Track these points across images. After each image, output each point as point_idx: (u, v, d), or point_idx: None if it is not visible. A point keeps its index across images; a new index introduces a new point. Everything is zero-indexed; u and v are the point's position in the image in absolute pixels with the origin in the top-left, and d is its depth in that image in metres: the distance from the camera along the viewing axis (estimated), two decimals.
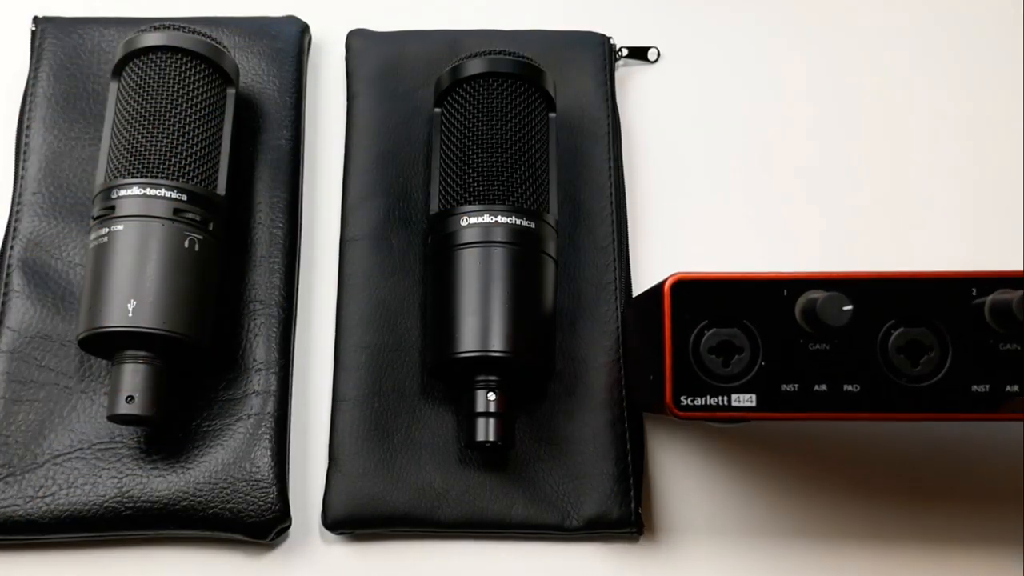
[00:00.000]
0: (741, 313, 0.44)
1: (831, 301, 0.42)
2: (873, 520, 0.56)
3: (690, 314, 0.44)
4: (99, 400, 0.54)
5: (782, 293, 0.44)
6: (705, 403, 0.44)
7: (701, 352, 0.44)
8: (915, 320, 0.44)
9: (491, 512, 0.53)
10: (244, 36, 0.63)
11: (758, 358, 0.44)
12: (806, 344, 0.44)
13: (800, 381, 0.44)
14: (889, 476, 0.57)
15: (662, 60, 0.67)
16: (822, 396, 0.44)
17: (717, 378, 0.44)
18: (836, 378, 0.44)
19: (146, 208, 0.51)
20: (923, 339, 0.44)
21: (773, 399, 0.44)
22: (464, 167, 0.54)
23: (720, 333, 0.44)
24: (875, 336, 0.44)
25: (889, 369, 0.44)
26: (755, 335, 0.44)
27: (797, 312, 0.44)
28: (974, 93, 0.67)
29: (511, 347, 0.51)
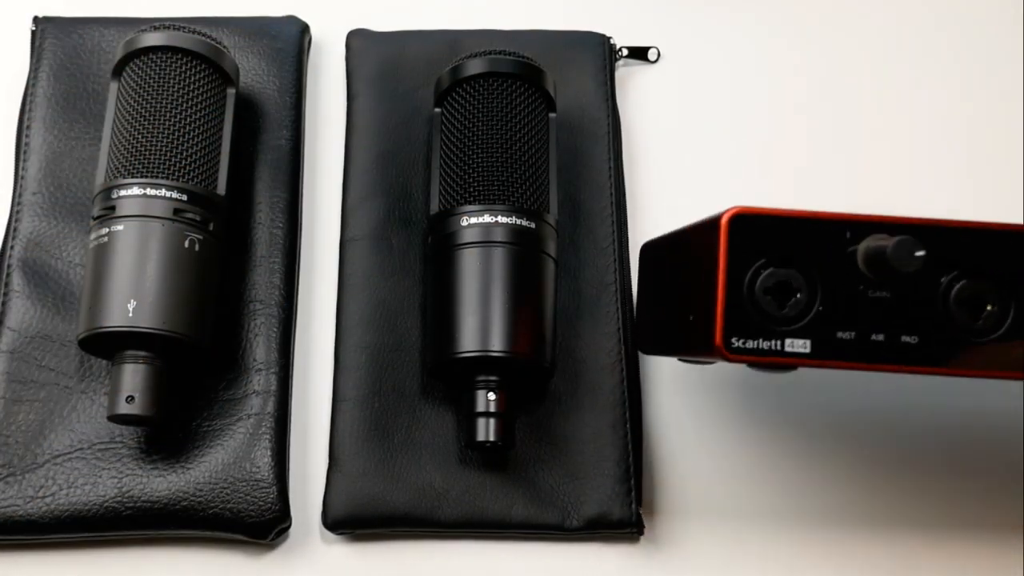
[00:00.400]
0: (801, 253, 0.42)
1: (903, 245, 0.40)
2: (875, 520, 0.56)
3: (747, 250, 0.42)
4: (99, 400, 0.54)
5: (844, 235, 0.42)
6: (757, 346, 0.41)
7: (756, 292, 0.41)
8: (978, 272, 0.42)
9: (491, 512, 0.53)
10: (244, 36, 0.63)
11: (815, 302, 0.42)
12: (866, 290, 0.42)
13: (857, 329, 0.42)
14: (891, 475, 0.57)
15: (662, 60, 0.67)
16: (879, 346, 0.42)
17: (772, 320, 0.41)
18: (895, 328, 0.42)
19: (146, 208, 0.51)
20: (985, 293, 0.42)
21: (828, 346, 0.42)
22: (464, 167, 0.54)
23: (778, 273, 0.41)
24: (937, 287, 0.42)
25: (949, 322, 0.42)
26: (814, 278, 0.42)
27: (860, 256, 0.42)
28: (975, 96, 0.67)
29: (511, 347, 0.51)
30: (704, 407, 0.58)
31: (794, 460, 0.57)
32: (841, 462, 0.57)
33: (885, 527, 0.56)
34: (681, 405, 0.58)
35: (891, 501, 0.56)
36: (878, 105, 0.66)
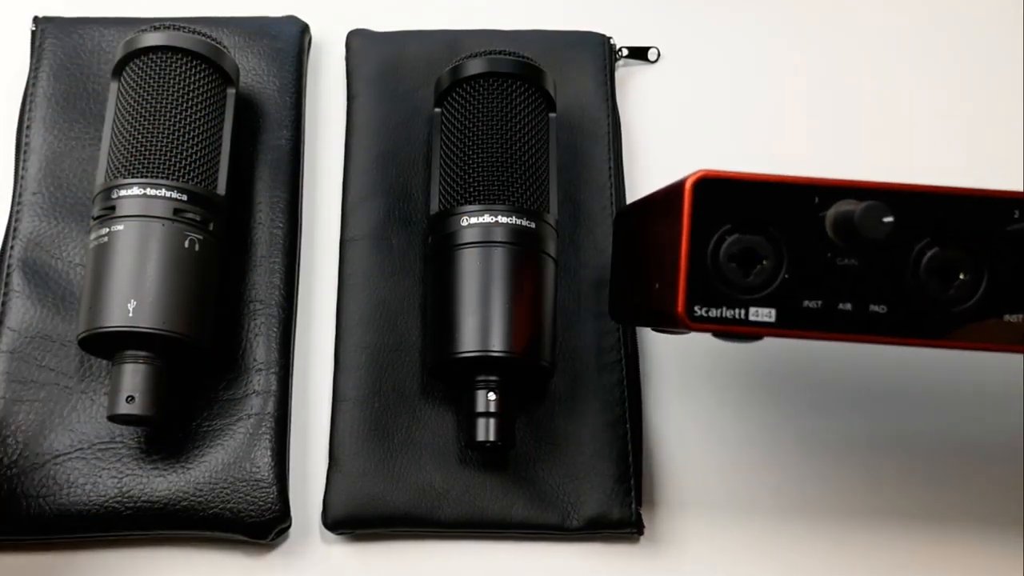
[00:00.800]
0: (767, 219, 0.40)
1: (872, 210, 0.39)
2: (876, 520, 0.56)
3: (712, 216, 0.40)
4: (99, 400, 0.54)
5: (813, 200, 0.41)
6: (721, 315, 0.40)
7: (720, 259, 0.40)
8: (951, 240, 0.41)
9: (491, 512, 0.53)
10: (244, 36, 0.63)
11: (781, 270, 0.40)
12: (834, 258, 0.40)
13: (824, 298, 0.40)
14: (892, 474, 0.57)
15: (662, 60, 0.67)
16: (846, 315, 0.40)
17: (736, 288, 0.40)
18: (863, 297, 0.40)
19: (146, 208, 0.51)
20: (957, 261, 0.40)
21: (794, 315, 0.40)
22: (464, 167, 0.54)
23: (743, 239, 0.40)
24: (908, 255, 0.41)
25: (919, 291, 0.41)
26: (780, 245, 0.40)
27: (828, 223, 0.40)
28: (976, 96, 0.67)
29: (511, 347, 0.51)
30: (704, 407, 0.58)
31: (794, 460, 0.57)
32: (842, 463, 0.57)
33: (886, 529, 0.56)
34: (681, 405, 0.58)
35: (892, 503, 0.56)
36: (878, 105, 0.67)
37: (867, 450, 0.57)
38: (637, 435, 0.56)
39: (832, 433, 0.57)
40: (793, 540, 0.55)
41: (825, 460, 0.57)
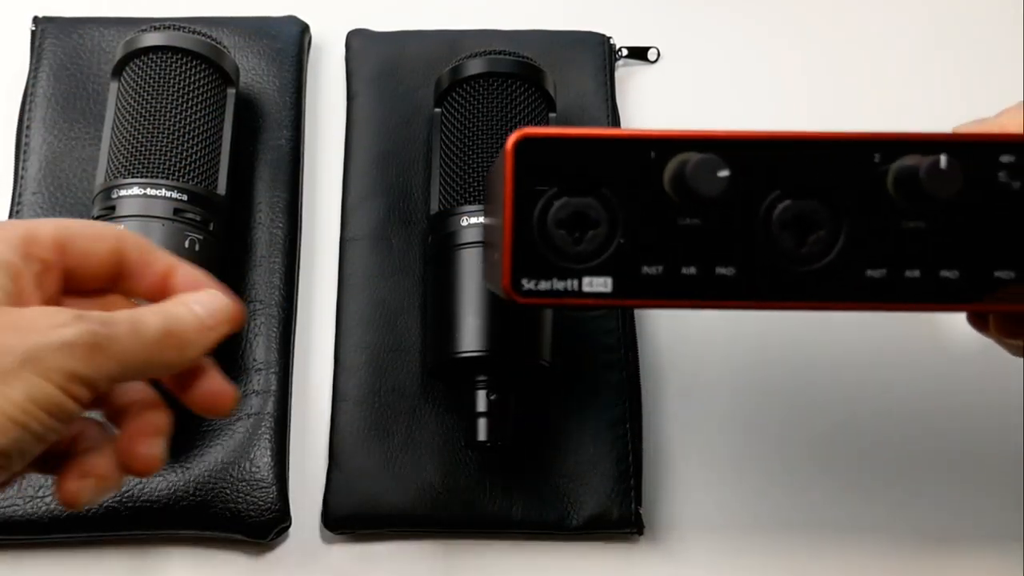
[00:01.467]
0: (599, 179, 0.37)
1: (703, 164, 0.35)
2: (876, 520, 0.56)
3: (537, 179, 0.36)
4: None
5: (649, 155, 0.36)
6: (551, 288, 0.36)
7: (548, 226, 0.36)
8: (805, 191, 0.37)
9: (491, 512, 0.53)
10: (244, 36, 0.63)
11: (616, 234, 0.37)
12: (674, 218, 0.37)
13: (665, 262, 0.37)
14: (892, 474, 0.57)
15: (662, 60, 0.67)
16: (690, 280, 0.37)
17: (566, 257, 0.36)
18: (708, 259, 0.37)
19: (146, 208, 0.51)
20: (813, 214, 0.37)
21: (632, 284, 0.37)
22: (464, 167, 0.54)
23: (572, 203, 0.36)
24: (756, 210, 0.37)
25: (771, 249, 0.37)
26: (614, 206, 0.37)
27: (666, 179, 0.36)
28: (977, 96, 0.67)
29: (511, 347, 0.51)
30: (704, 406, 0.58)
31: (794, 460, 0.57)
32: (842, 463, 0.57)
33: (886, 529, 0.55)
34: (681, 404, 0.58)
35: (893, 504, 0.56)
36: (879, 105, 0.67)
37: (868, 450, 0.57)
38: (637, 435, 0.56)
39: (833, 433, 0.57)
40: (793, 540, 0.55)
41: (825, 460, 0.57)
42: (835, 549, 0.55)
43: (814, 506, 0.56)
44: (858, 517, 0.56)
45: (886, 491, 0.56)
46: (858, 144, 0.37)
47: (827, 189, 0.37)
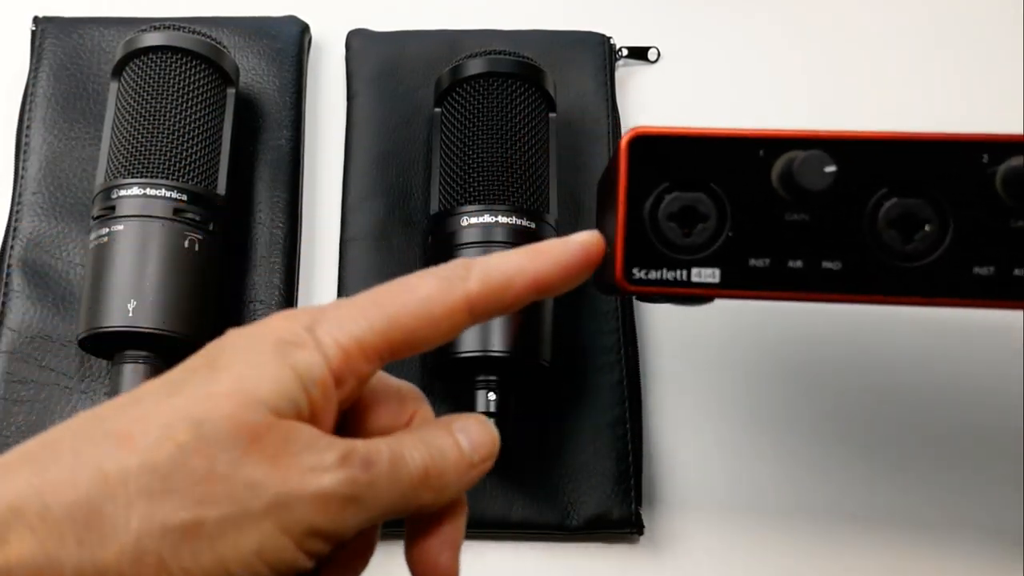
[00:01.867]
0: (709, 175, 0.38)
1: (811, 160, 0.37)
2: (876, 519, 0.56)
3: (650, 174, 0.38)
4: (99, 400, 0.54)
5: (758, 153, 0.38)
6: (661, 277, 0.38)
7: (659, 219, 0.38)
8: (911, 189, 0.38)
9: (491, 512, 0.53)
10: (244, 36, 0.63)
11: (725, 228, 0.38)
12: (782, 213, 0.38)
13: (772, 255, 0.38)
14: (893, 476, 0.57)
15: (662, 60, 0.67)
16: (796, 273, 0.38)
17: (677, 249, 0.38)
18: (814, 253, 0.38)
19: (146, 208, 0.51)
20: (919, 211, 0.38)
21: (740, 275, 0.38)
22: (464, 167, 0.54)
23: (682, 197, 0.38)
24: (863, 207, 0.38)
25: (877, 245, 0.38)
26: (723, 201, 0.38)
27: (774, 176, 0.38)
28: (975, 96, 0.67)
29: (511, 347, 0.51)
30: (704, 406, 0.58)
31: (795, 460, 0.57)
32: (842, 463, 0.57)
33: (887, 530, 0.55)
34: (681, 404, 0.58)
35: (893, 504, 0.56)
36: (879, 104, 0.67)
37: (868, 451, 0.57)
38: (637, 435, 0.56)
39: (833, 433, 0.57)
40: (793, 540, 0.55)
41: (825, 460, 0.57)
42: (835, 549, 0.55)
43: (814, 506, 0.56)
44: (858, 518, 0.56)
45: (886, 492, 0.56)
46: (966, 145, 0.38)
47: (934, 188, 0.38)
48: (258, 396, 0.28)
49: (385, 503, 0.30)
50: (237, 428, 0.28)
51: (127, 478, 0.27)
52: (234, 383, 0.29)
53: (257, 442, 0.28)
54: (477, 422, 0.33)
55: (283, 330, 0.30)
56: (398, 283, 0.32)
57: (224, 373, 0.29)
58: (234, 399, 0.28)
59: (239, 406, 0.28)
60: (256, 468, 0.27)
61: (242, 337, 0.30)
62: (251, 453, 0.28)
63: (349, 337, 0.30)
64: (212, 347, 0.31)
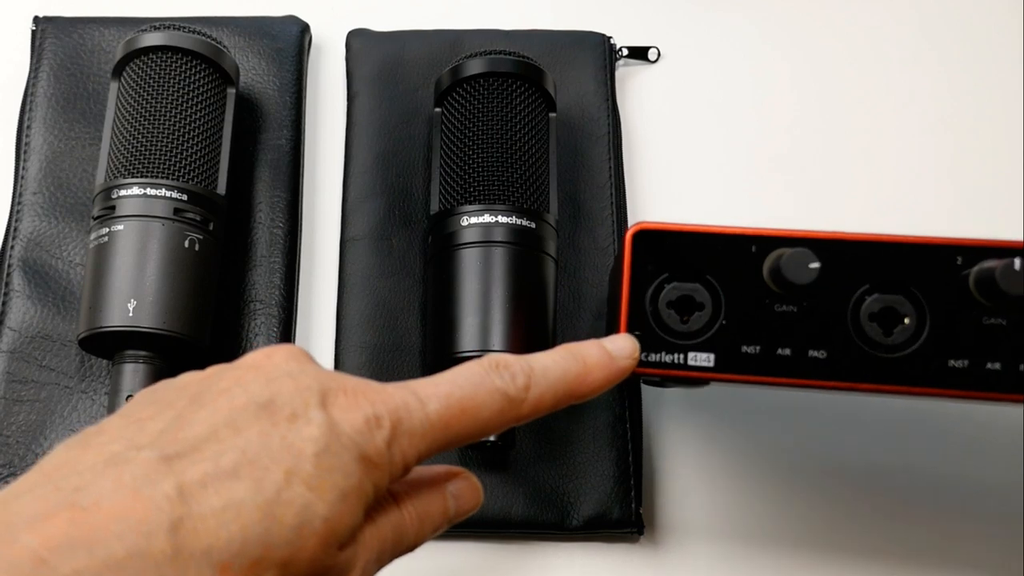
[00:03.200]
0: (705, 268, 0.42)
1: (797, 257, 0.40)
2: (875, 519, 0.56)
3: (651, 265, 0.42)
4: (99, 400, 0.54)
5: (750, 249, 0.42)
6: (660, 359, 0.42)
7: (659, 306, 0.42)
8: (892, 286, 0.41)
9: (491, 512, 0.53)
10: (244, 36, 0.63)
11: (719, 316, 0.42)
12: (772, 304, 0.42)
13: (763, 343, 0.41)
14: (893, 475, 0.57)
15: (662, 60, 0.67)
16: (785, 360, 0.41)
17: (675, 334, 0.42)
18: (802, 342, 0.41)
19: (146, 208, 0.51)
20: (899, 307, 0.41)
21: (732, 360, 0.42)
22: (464, 167, 0.54)
23: (681, 287, 0.42)
24: (847, 301, 0.41)
25: (860, 337, 0.41)
26: (718, 292, 0.42)
27: (765, 270, 0.42)
28: (973, 92, 0.67)
29: (511, 347, 0.51)
30: (704, 406, 0.58)
31: (794, 460, 0.57)
32: (842, 463, 0.57)
33: (886, 530, 0.56)
34: (681, 405, 0.58)
35: (893, 504, 0.56)
36: (879, 104, 0.66)
37: (868, 451, 0.57)
38: (637, 435, 0.56)
39: (833, 434, 0.57)
40: (792, 540, 0.55)
41: (825, 461, 0.57)
42: (835, 549, 0.55)
43: (814, 506, 0.56)
44: (858, 519, 0.56)
45: (887, 493, 0.56)
46: (942, 248, 0.41)
47: (913, 286, 0.41)
48: (338, 534, 0.30)
49: None
50: (312, 570, 0.29)
51: None
52: (323, 512, 0.29)
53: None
54: (470, 487, 0.37)
55: (367, 440, 0.31)
56: (468, 400, 0.34)
57: (314, 494, 0.30)
58: (320, 538, 0.29)
59: (323, 548, 0.29)
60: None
61: (327, 434, 0.31)
62: None
63: (417, 458, 0.33)
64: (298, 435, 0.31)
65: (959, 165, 0.65)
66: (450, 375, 0.34)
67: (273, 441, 0.30)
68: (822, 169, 0.64)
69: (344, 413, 0.31)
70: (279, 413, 0.31)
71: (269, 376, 0.32)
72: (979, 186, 0.64)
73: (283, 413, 0.31)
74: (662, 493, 0.56)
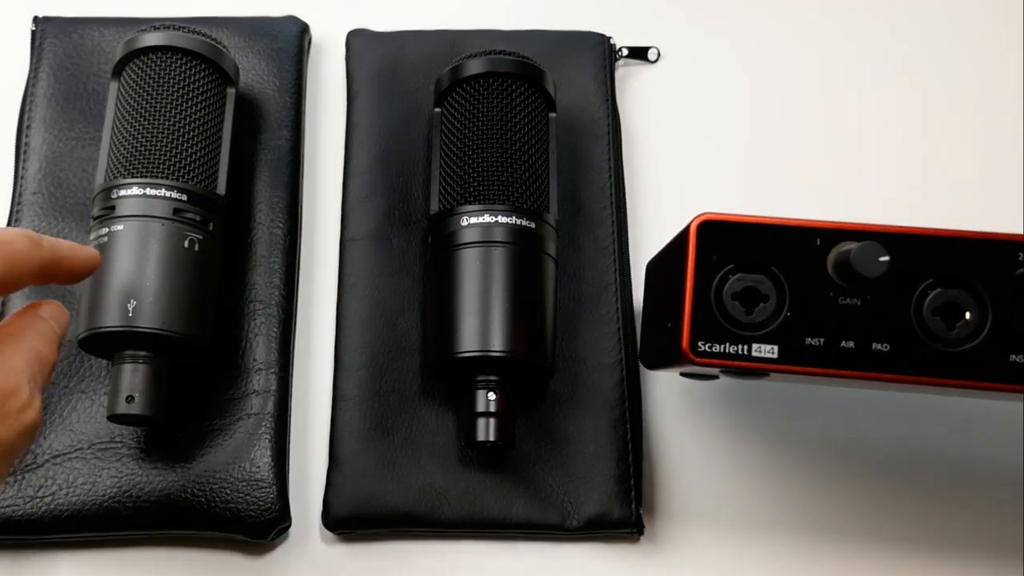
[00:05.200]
0: (770, 259, 0.42)
1: (867, 249, 0.40)
2: (875, 519, 0.56)
3: (715, 256, 0.42)
4: (99, 400, 0.54)
5: (815, 242, 0.42)
6: (724, 350, 0.42)
7: (724, 297, 0.42)
8: (955, 281, 0.42)
9: (491, 512, 0.53)
10: (244, 36, 0.63)
11: (784, 308, 0.42)
12: (836, 297, 0.42)
13: (826, 335, 0.42)
14: (893, 476, 0.56)
15: (662, 60, 0.67)
16: (849, 353, 0.42)
17: (739, 325, 0.42)
18: (865, 335, 0.42)
19: (146, 208, 0.51)
20: (961, 302, 0.42)
21: (796, 352, 0.42)
22: (464, 167, 0.54)
23: (746, 279, 0.42)
24: (911, 295, 0.42)
25: (923, 330, 0.42)
26: (783, 284, 0.42)
27: (830, 263, 0.42)
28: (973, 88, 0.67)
29: (511, 347, 0.51)
30: (704, 407, 0.58)
31: (794, 460, 0.57)
32: (842, 464, 0.57)
33: (886, 529, 0.55)
34: (681, 405, 0.58)
35: (893, 504, 0.56)
36: (878, 104, 0.66)
37: (868, 451, 0.57)
38: (637, 435, 0.56)
39: (833, 434, 0.57)
40: (793, 541, 0.55)
41: (825, 461, 0.57)
42: (835, 549, 0.55)
43: (814, 506, 0.56)
44: (858, 518, 0.56)
45: (887, 493, 0.56)
46: (1004, 244, 0.42)
47: (975, 281, 0.42)
48: None
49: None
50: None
51: None
52: None
53: None
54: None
55: None
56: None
57: None
58: None
59: None
60: None
61: None
62: None
63: None
64: None
65: (958, 162, 0.65)
66: None
67: None
68: (823, 169, 0.64)
69: None
70: None
71: None
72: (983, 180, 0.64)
73: None
74: (662, 493, 0.56)
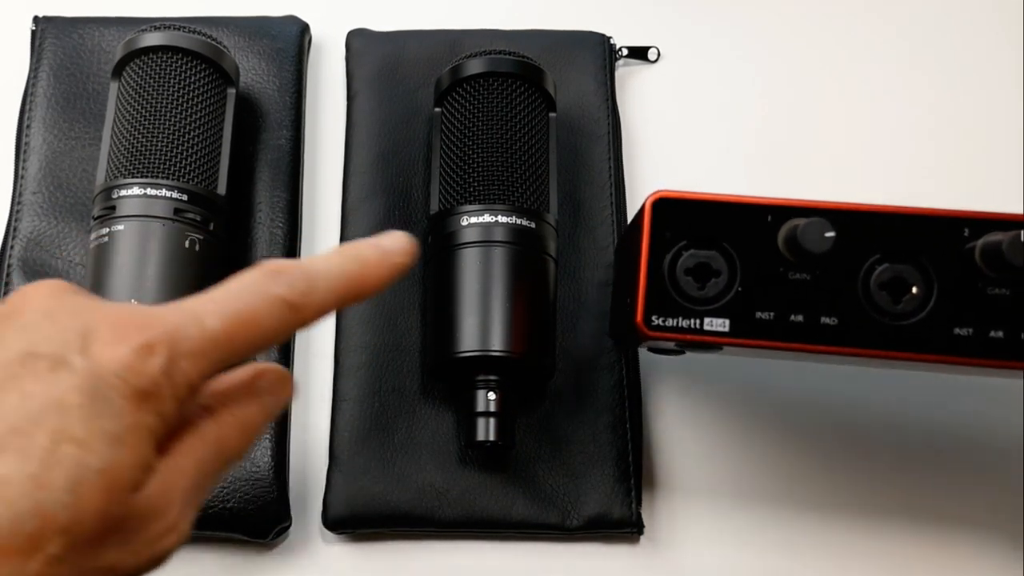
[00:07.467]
0: (722, 236, 0.43)
1: (813, 226, 0.41)
2: (877, 521, 0.56)
3: (669, 233, 0.44)
4: None
5: (766, 219, 0.43)
6: (676, 324, 0.43)
7: (677, 273, 0.43)
8: (901, 256, 0.43)
9: (491, 512, 0.53)
10: (244, 36, 0.63)
11: (735, 283, 0.43)
12: (786, 273, 0.43)
13: (776, 309, 0.43)
14: (893, 475, 0.57)
15: (662, 60, 0.67)
16: (798, 327, 0.43)
17: (692, 300, 0.43)
18: (814, 309, 0.43)
19: (147, 208, 0.51)
20: (907, 276, 0.43)
21: (747, 326, 0.43)
22: (464, 167, 0.54)
23: (698, 255, 0.43)
24: (858, 270, 0.43)
25: (869, 304, 0.43)
26: (734, 259, 0.43)
27: (780, 239, 0.43)
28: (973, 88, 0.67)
29: (511, 347, 0.51)
30: (704, 407, 0.58)
31: (795, 461, 0.57)
32: (842, 464, 0.57)
33: (887, 531, 0.56)
34: (681, 405, 0.58)
35: (893, 504, 0.56)
36: (880, 104, 0.66)
37: (869, 450, 0.57)
38: (637, 435, 0.56)
39: (833, 434, 0.57)
40: (793, 541, 0.55)
41: (826, 461, 0.57)
42: (836, 549, 0.55)
43: (814, 506, 0.56)
44: (858, 520, 0.56)
45: (888, 493, 0.56)
46: (950, 220, 0.43)
47: (921, 256, 0.43)
48: (121, 481, 0.28)
49: None
50: (105, 525, 0.28)
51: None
52: (96, 464, 0.27)
53: (118, 531, 0.28)
54: (279, 377, 0.34)
55: (137, 372, 0.29)
56: (248, 311, 0.31)
57: (83, 448, 0.27)
58: (101, 491, 0.27)
59: (107, 499, 0.27)
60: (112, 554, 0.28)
61: (89, 379, 0.28)
62: (110, 546, 0.28)
63: (201, 376, 0.30)
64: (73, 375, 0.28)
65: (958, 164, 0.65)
66: (225, 287, 0.32)
67: (34, 402, 0.27)
68: (823, 168, 0.64)
69: (109, 349, 0.29)
70: (38, 365, 0.28)
71: (25, 323, 0.29)
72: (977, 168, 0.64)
73: (43, 365, 0.28)
74: (662, 493, 0.56)
